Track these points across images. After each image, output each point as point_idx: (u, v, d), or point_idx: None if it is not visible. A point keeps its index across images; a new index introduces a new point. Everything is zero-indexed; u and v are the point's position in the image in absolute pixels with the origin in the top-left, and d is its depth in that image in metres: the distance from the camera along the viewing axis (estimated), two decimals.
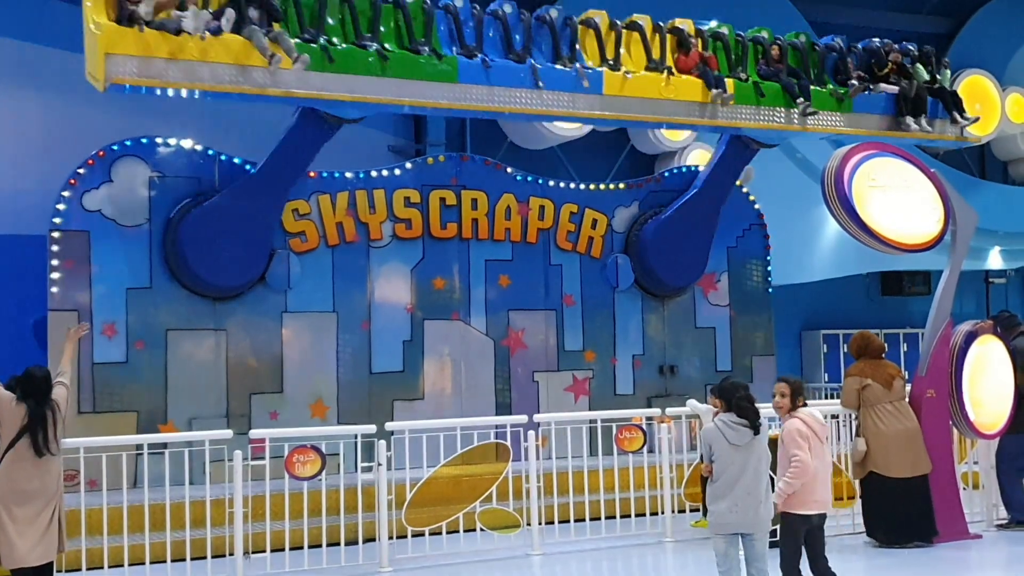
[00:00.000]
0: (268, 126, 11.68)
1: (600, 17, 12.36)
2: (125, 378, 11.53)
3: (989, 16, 21.15)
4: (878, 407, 9.99)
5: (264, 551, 9.45)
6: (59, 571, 8.12)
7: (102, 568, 9.16)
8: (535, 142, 17.39)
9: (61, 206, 11.45)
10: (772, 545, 7.30)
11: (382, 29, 10.99)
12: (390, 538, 9.68)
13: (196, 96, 10.07)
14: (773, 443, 7.49)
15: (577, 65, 11.86)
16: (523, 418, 10.73)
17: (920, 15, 21.04)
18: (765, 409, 7.26)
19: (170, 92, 9.81)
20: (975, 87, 20.67)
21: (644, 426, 10.94)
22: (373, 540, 9.77)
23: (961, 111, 14.13)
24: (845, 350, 18.56)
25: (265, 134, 13.01)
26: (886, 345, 10.67)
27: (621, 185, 14.42)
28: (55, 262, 11.35)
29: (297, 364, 12.32)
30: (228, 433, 9.79)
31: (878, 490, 9.94)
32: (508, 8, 11.87)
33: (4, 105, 14.27)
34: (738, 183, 14.91)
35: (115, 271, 11.58)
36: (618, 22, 12.46)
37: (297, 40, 10.38)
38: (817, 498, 7.33)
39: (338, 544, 9.77)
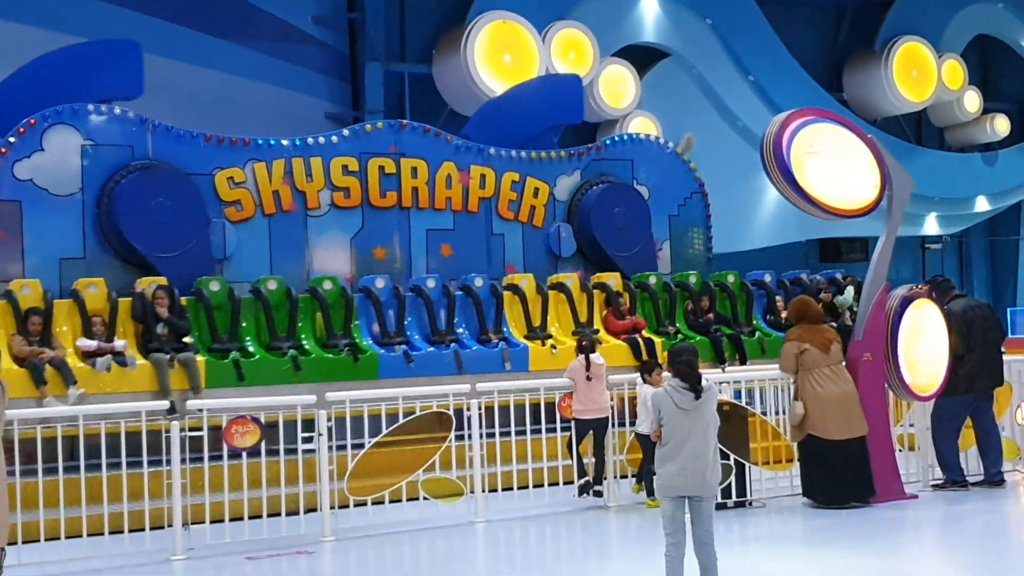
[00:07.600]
0: (210, 92, 11.48)
1: (527, 280, 12.64)
2: None
3: None
4: (815, 371, 10.07)
5: (203, 522, 9.37)
6: None
7: (39, 541, 9.00)
8: (475, 108, 17.30)
9: None
10: (717, 507, 7.35)
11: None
12: (332, 508, 9.63)
13: None
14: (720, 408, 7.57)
15: (501, 346, 12.08)
16: (465, 387, 10.68)
17: None
18: (712, 374, 7.33)
19: None
20: (912, 54, 20.90)
21: None
22: (315, 510, 9.71)
23: None
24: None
25: (212, 104, 12.88)
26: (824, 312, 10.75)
27: (563, 153, 14.38)
28: None
29: None
30: (165, 404, 9.67)
31: (816, 452, 10.05)
32: (432, 283, 12.14)
33: None
34: (679, 151, 14.96)
35: (48, 241, 11.36)
36: (543, 285, 12.71)
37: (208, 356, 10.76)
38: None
39: (279, 515, 9.68)
